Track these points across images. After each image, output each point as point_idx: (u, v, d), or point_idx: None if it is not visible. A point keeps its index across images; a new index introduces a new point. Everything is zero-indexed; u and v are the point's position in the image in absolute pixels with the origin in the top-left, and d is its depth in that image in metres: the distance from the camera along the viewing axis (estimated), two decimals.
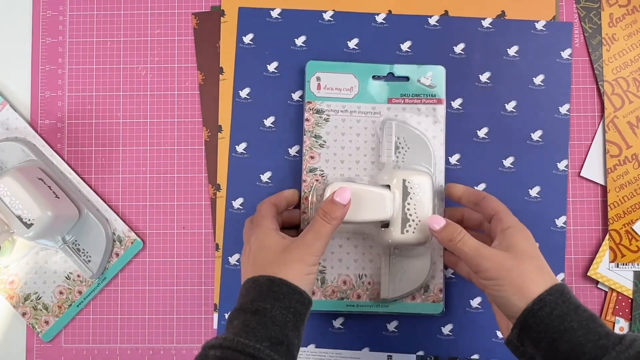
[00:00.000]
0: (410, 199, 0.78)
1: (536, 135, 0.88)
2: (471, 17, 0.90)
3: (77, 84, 0.92)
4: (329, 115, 0.87)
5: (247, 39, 0.90)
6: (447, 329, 0.88)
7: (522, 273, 0.68)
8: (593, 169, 0.89)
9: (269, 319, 0.67)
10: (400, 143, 0.85)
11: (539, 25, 0.89)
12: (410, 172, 0.80)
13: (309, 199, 0.86)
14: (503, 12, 0.89)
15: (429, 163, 0.85)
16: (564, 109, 0.88)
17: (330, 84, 0.87)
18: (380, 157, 0.86)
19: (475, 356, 0.88)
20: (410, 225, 0.79)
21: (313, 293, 0.87)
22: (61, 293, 0.90)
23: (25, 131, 0.91)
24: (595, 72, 0.89)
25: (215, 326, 0.89)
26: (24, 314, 0.90)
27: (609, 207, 0.88)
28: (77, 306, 0.90)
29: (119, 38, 0.92)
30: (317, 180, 0.87)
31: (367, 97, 0.87)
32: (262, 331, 0.66)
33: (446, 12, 0.90)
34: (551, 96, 0.88)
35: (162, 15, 0.92)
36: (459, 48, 0.89)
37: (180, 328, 0.90)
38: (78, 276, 0.90)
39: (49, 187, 0.85)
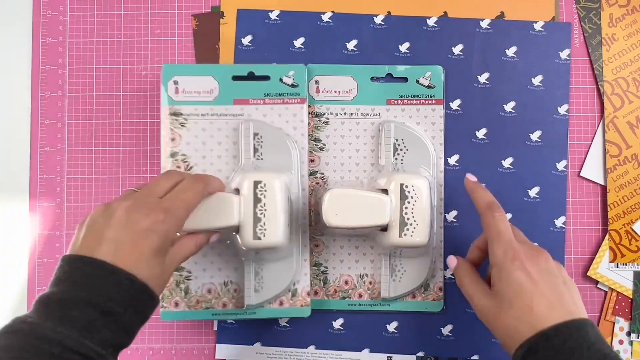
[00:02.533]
0: (408, 202, 0.78)
1: (535, 136, 0.88)
2: (470, 17, 0.89)
3: (77, 84, 0.92)
4: (328, 119, 0.87)
5: (246, 40, 0.90)
6: (447, 330, 0.88)
7: (505, 325, 0.68)
8: (593, 169, 0.89)
9: (120, 325, 0.61)
10: (399, 145, 0.85)
11: (538, 26, 0.89)
12: (408, 176, 0.80)
13: (310, 201, 0.87)
14: (502, 12, 0.89)
15: (428, 164, 0.85)
16: (562, 110, 0.88)
17: (329, 87, 0.87)
18: (380, 159, 0.86)
19: (475, 357, 0.88)
20: (408, 229, 0.79)
21: (315, 293, 0.87)
22: (209, 292, 0.86)
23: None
24: (595, 72, 0.89)
25: (215, 327, 0.89)
26: None
27: (608, 207, 0.88)
28: (212, 314, 0.86)
29: (119, 38, 0.92)
30: (317, 183, 0.87)
31: (366, 98, 0.87)
32: (109, 335, 0.60)
33: (445, 13, 0.90)
34: (550, 96, 0.88)
35: (162, 15, 0.92)
36: (457, 49, 0.89)
37: (180, 328, 0.90)
38: (235, 291, 0.87)
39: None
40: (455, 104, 0.89)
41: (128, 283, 0.62)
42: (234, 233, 0.79)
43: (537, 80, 0.89)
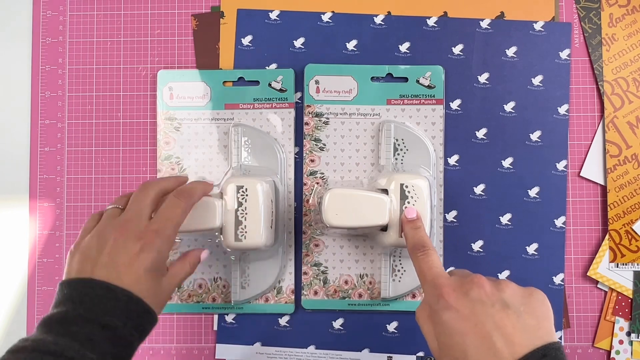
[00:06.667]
0: (408, 202, 0.78)
1: (535, 136, 0.88)
2: (470, 17, 0.89)
3: (77, 84, 0.92)
4: (328, 119, 0.87)
5: (246, 40, 0.90)
6: None
7: None
8: (593, 169, 0.89)
9: (120, 338, 0.64)
10: (399, 145, 0.85)
11: (538, 26, 0.89)
12: (408, 176, 0.80)
13: (310, 201, 0.87)
14: (502, 12, 0.89)
15: (428, 164, 0.85)
16: (562, 110, 0.88)
17: (329, 87, 0.87)
18: (380, 159, 0.86)
19: None
20: None
21: (315, 293, 0.87)
22: (200, 287, 0.90)
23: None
24: (595, 72, 0.89)
25: (215, 327, 0.90)
26: None
27: (608, 207, 0.88)
28: (202, 308, 0.90)
29: (119, 38, 0.92)
30: (317, 183, 0.87)
31: (366, 98, 0.87)
32: (109, 348, 0.63)
33: (445, 13, 0.90)
34: (550, 97, 0.88)
35: (162, 15, 0.92)
36: (457, 49, 0.89)
37: (180, 328, 0.90)
38: (224, 286, 0.90)
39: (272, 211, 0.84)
40: (455, 104, 0.89)
41: (125, 299, 0.65)
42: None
43: (537, 80, 0.89)
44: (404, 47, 0.89)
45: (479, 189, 0.88)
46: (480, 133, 0.88)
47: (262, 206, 0.81)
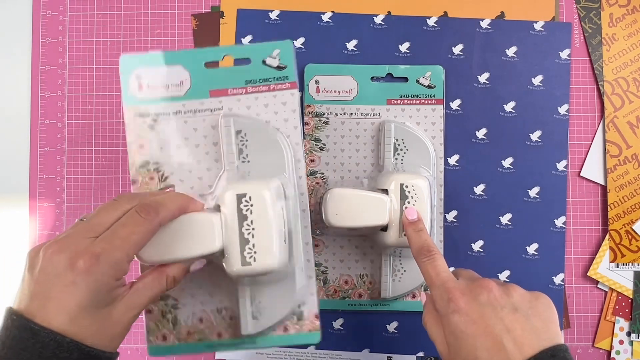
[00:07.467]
0: (408, 202, 0.78)
1: (535, 136, 0.88)
2: (470, 17, 0.89)
3: (77, 84, 0.92)
4: (328, 118, 0.87)
5: (246, 40, 0.90)
6: None
7: None
8: (593, 169, 0.89)
9: None
10: (399, 145, 0.85)
11: (538, 26, 0.89)
12: (409, 176, 0.79)
13: (310, 201, 0.87)
14: (502, 12, 0.89)
15: (428, 164, 0.85)
16: (563, 109, 0.88)
17: (329, 87, 0.87)
18: (380, 159, 0.86)
19: None
20: None
21: None
22: (201, 321, 0.72)
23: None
24: (595, 72, 0.89)
25: None
26: (149, 311, 0.72)
27: (609, 207, 0.88)
28: (206, 347, 0.72)
29: (119, 38, 0.92)
30: (317, 183, 0.87)
31: (366, 98, 0.87)
32: None
33: (445, 13, 0.90)
34: (550, 96, 0.88)
35: (162, 15, 0.92)
36: (457, 49, 0.89)
37: None
38: (231, 318, 0.72)
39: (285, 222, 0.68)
40: (455, 104, 0.89)
41: (54, 345, 0.53)
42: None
43: (537, 80, 0.89)
44: (404, 47, 0.89)
45: (479, 189, 0.88)
46: (480, 133, 0.88)
47: (272, 217, 0.65)
